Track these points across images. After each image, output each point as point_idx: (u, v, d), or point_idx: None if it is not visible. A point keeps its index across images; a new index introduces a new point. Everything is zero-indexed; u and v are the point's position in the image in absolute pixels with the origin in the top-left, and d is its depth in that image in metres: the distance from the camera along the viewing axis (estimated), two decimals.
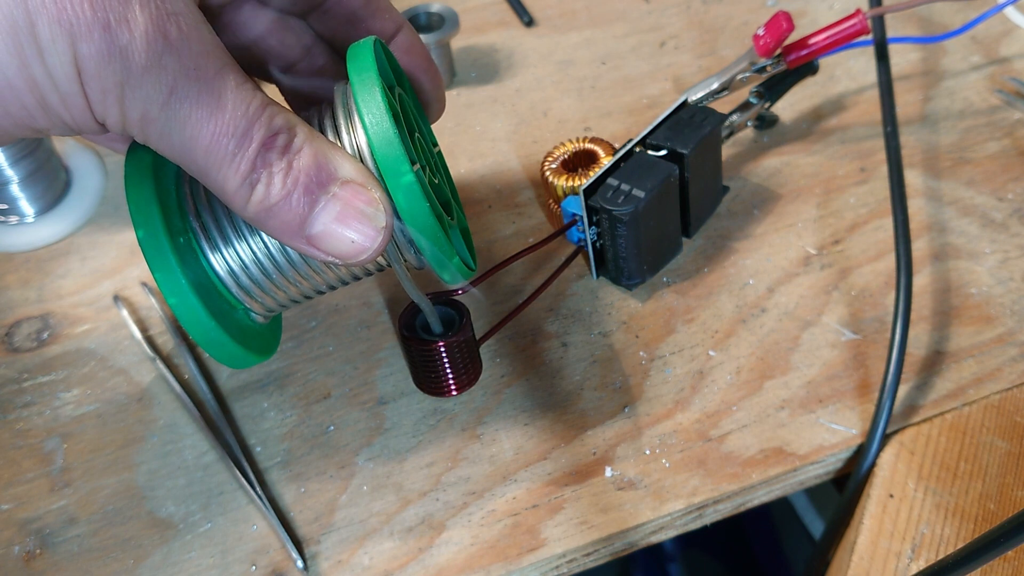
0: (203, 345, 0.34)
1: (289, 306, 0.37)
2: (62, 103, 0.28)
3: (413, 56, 0.38)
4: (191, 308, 0.33)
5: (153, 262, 0.32)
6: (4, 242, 0.49)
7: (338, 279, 0.36)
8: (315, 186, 0.30)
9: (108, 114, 0.28)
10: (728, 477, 0.39)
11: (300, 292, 0.36)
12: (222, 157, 0.29)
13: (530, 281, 0.46)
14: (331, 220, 0.30)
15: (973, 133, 0.51)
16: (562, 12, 0.61)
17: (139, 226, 0.33)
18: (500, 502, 0.38)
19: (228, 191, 0.30)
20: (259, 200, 0.30)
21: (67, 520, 0.39)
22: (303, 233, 0.30)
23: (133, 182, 0.33)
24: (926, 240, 0.46)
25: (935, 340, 0.42)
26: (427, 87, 0.38)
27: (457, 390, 0.41)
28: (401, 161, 0.31)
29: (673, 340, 0.43)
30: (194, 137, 0.28)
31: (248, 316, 0.36)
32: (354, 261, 0.31)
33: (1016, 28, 0.56)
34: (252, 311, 0.36)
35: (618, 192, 0.41)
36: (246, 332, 0.36)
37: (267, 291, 0.35)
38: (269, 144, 0.29)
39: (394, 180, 0.31)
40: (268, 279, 0.35)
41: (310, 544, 0.38)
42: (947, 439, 0.39)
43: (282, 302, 0.36)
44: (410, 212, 0.32)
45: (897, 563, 0.36)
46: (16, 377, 0.44)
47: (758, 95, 0.50)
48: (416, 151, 0.34)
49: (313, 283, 0.36)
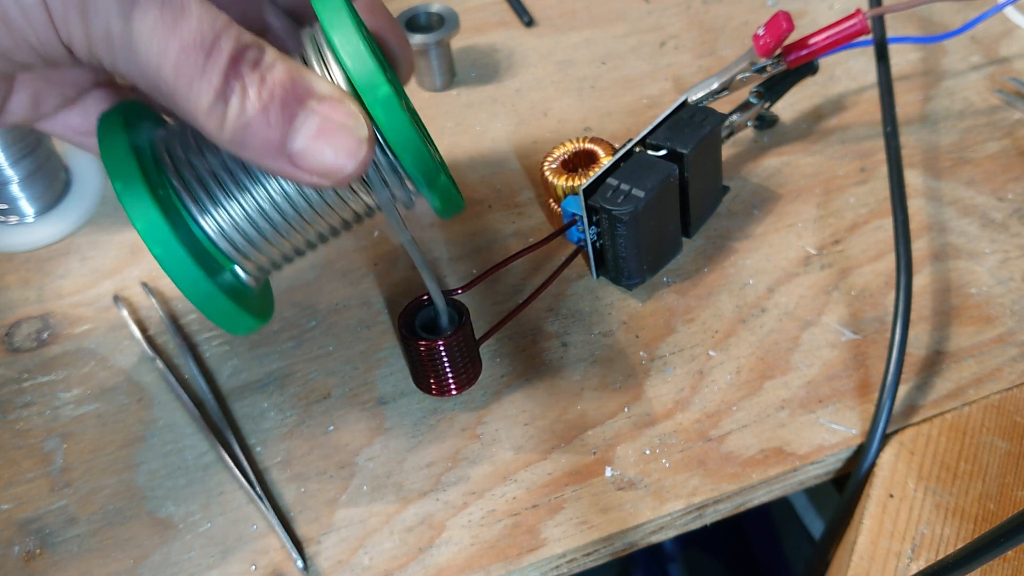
0: (194, 300, 0.32)
1: (280, 264, 0.36)
2: (24, 16, 0.27)
3: (377, 16, 0.37)
4: (177, 257, 0.32)
5: (134, 212, 0.31)
6: (4, 242, 0.49)
7: (329, 227, 0.35)
8: (292, 101, 0.29)
9: (72, 32, 0.28)
10: (728, 477, 0.39)
11: (292, 245, 0.35)
12: (192, 71, 0.28)
13: (530, 281, 0.46)
14: (312, 136, 0.30)
15: (973, 133, 0.51)
16: (562, 12, 0.61)
17: (116, 178, 0.31)
18: (500, 502, 0.38)
19: (201, 110, 0.29)
20: (235, 117, 0.29)
21: (67, 520, 0.39)
22: (284, 151, 0.30)
23: (107, 137, 0.32)
24: (926, 240, 0.46)
25: (935, 340, 0.42)
26: (393, 45, 0.37)
27: (457, 390, 0.41)
28: (376, 74, 0.30)
29: (673, 340, 0.43)
30: (162, 52, 0.28)
31: (238, 278, 0.35)
32: (340, 177, 0.30)
33: (1016, 28, 0.56)
34: (243, 270, 0.35)
35: (618, 192, 0.41)
36: (237, 293, 0.35)
37: (257, 245, 0.34)
38: (239, 57, 0.29)
39: (371, 94, 0.30)
40: (257, 231, 0.33)
41: (310, 544, 0.38)
42: (947, 439, 0.39)
43: (273, 258, 0.35)
44: (390, 126, 0.31)
45: (897, 563, 0.36)
46: (16, 377, 0.44)
47: (758, 95, 0.50)
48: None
49: (303, 232, 0.34)
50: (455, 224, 0.49)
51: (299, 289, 0.46)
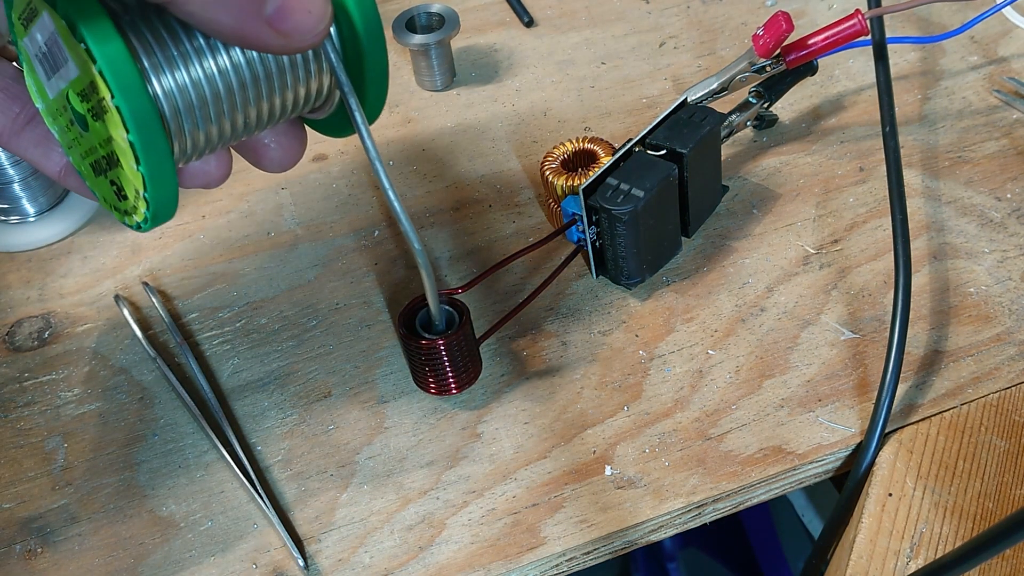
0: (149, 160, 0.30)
1: (205, 148, 0.33)
2: None
3: None
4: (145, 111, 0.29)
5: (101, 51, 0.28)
6: (5, 241, 0.49)
7: (268, 109, 0.34)
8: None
9: None
10: (727, 476, 0.39)
11: (229, 124, 0.33)
12: None
13: (530, 280, 0.46)
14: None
15: (971, 133, 0.51)
16: (562, 12, 0.61)
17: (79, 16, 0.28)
18: (500, 501, 0.39)
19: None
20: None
21: (68, 519, 0.39)
22: (262, 13, 0.29)
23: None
24: (925, 239, 0.46)
25: (934, 339, 0.43)
26: None
27: (457, 389, 0.41)
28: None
29: (673, 339, 0.43)
30: None
31: None
32: (312, 38, 0.30)
33: (1015, 28, 0.56)
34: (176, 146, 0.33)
35: (617, 191, 0.41)
36: None
37: (200, 115, 0.32)
38: None
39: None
40: (206, 99, 0.31)
41: (311, 543, 0.38)
42: (946, 438, 0.39)
43: (209, 135, 0.33)
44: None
45: (896, 561, 0.36)
46: (17, 376, 0.44)
47: (757, 95, 0.50)
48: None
49: (244, 109, 0.33)
50: (455, 224, 0.49)
51: (299, 288, 0.47)
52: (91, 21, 0.28)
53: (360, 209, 0.50)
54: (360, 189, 0.51)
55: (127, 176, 0.31)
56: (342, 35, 0.33)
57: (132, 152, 0.30)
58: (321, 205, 0.50)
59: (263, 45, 0.30)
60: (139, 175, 0.31)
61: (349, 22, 0.32)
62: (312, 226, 0.49)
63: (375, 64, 0.33)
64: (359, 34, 0.32)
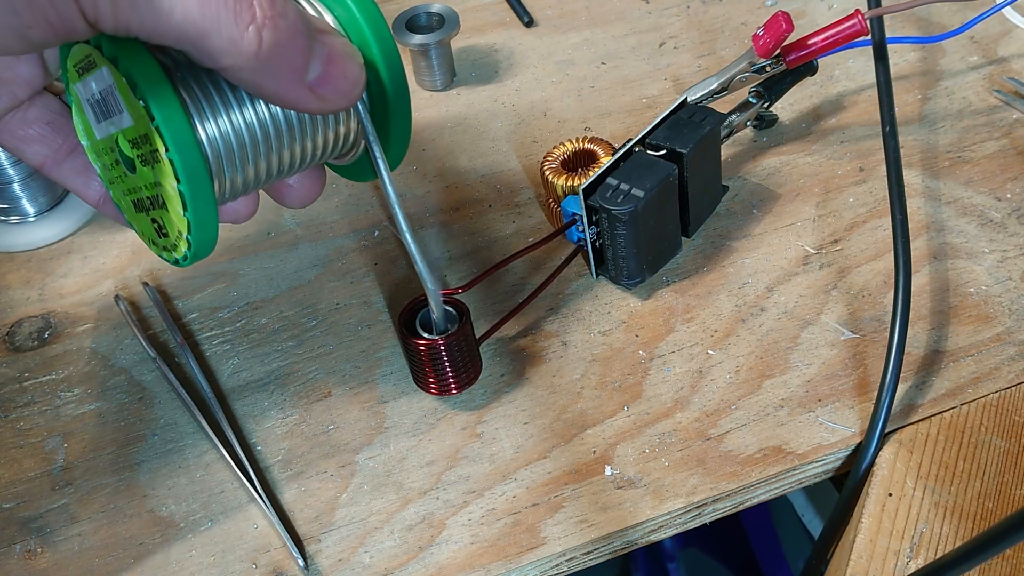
0: (195, 202, 0.32)
1: (242, 190, 0.35)
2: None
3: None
4: (194, 158, 0.31)
5: (160, 111, 0.30)
6: (6, 241, 0.49)
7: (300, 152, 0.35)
8: (306, 30, 0.31)
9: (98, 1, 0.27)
10: (727, 476, 0.39)
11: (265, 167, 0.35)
12: (222, 9, 0.29)
13: (530, 280, 0.46)
14: (324, 62, 0.31)
15: (971, 133, 0.51)
16: (562, 12, 0.61)
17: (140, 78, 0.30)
18: (500, 501, 0.39)
19: (235, 42, 0.29)
20: (269, 45, 0.30)
21: (68, 519, 0.39)
22: (305, 80, 0.31)
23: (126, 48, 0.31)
24: (925, 240, 0.46)
25: (934, 339, 0.43)
26: None
27: (457, 389, 0.41)
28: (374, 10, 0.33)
29: (672, 339, 0.43)
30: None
31: None
32: (348, 101, 0.32)
33: (1015, 28, 0.57)
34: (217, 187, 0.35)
35: (617, 191, 0.42)
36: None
37: (240, 159, 0.34)
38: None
39: (374, 31, 0.34)
40: (245, 144, 0.33)
41: (311, 543, 0.38)
42: (946, 438, 0.39)
43: (246, 178, 0.35)
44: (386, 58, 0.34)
45: (896, 561, 0.36)
46: (17, 376, 0.44)
47: (757, 95, 0.50)
48: None
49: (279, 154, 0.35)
50: (455, 224, 0.49)
51: (299, 288, 0.47)
52: (151, 82, 0.30)
53: (360, 209, 0.50)
54: (360, 189, 0.51)
55: (171, 219, 0.33)
56: (371, 92, 0.35)
57: (180, 200, 0.32)
58: (321, 205, 0.50)
59: (303, 107, 0.32)
60: (185, 220, 0.32)
61: (378, 80, 0.34)
62: (312, 226, 0.49)
63: (400, 120, 0.36)
64: (388, 94, 0.35)
